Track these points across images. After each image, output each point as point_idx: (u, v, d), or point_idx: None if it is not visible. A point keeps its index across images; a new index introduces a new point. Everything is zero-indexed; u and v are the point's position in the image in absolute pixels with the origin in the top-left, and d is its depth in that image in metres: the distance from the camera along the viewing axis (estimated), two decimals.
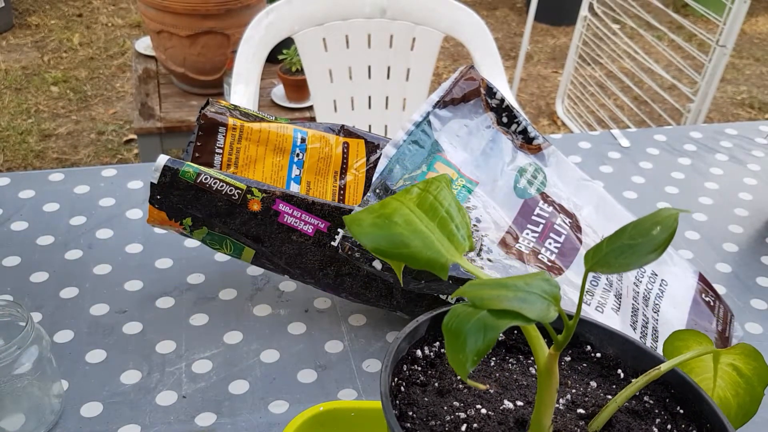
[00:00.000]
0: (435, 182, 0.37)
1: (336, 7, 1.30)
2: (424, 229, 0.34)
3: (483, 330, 0.28)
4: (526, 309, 0.28)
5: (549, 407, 0.33)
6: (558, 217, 0.63)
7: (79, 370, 0.59)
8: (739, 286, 0.73)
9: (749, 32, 3.24)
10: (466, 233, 0.35)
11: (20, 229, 0.73)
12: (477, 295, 0.29)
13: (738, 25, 1.65)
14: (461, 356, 0.28)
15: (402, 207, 0.35)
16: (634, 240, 0.30)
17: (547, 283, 0.30)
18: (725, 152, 0.95)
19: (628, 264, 0.30)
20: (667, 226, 0.30)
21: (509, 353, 0.42)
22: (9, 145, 2.24)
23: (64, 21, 2.98)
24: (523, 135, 0.67)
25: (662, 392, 0.39)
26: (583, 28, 2.13)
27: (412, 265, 0.32)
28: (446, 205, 0.35)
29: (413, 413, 0.36)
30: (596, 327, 0.42)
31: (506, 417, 0.36)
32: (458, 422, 0.35)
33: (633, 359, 0.40)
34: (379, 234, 0.33)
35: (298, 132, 0.70)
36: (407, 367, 0.38)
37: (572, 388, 0.39)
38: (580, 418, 0.37)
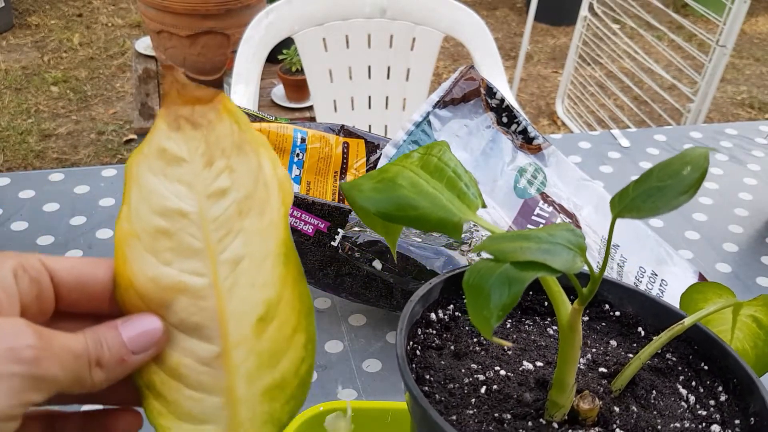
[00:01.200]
0: (436, 145, 0.35)
1: (336, 7, 1.30)
2: (431, 189, 0.32)
3: (508, 283, 0.27)
4: (551, 260, 0.27)
5: (572, 365, 0.32)
6: (558, 217, 0.63)
7: None
8: (739, 286, 0.73)
9: (749, 32, 3.24)
10: (476, 191, 0.33)
11: (20, 229, 0.73)
12: (498, 248, 0.28)
13: (738, 25, 1.65)
14: (485, 312, 0.26)
15: (404, 170, 0.33)
16: (662, 182, 0.28)
17: (572, 234, 0.29)
18: (725, 152, 0.95)
19: (658, 207, 0.28)
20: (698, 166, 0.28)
21: (525, 315, 0.41)
22: (9, 145, 2.25)
23: (64, 21, 2.98)
24: (523, 135, 0.67)
25: (685, 349, 0.38)
26: (583, 28, 2.13)
27: (422, 228, 0.31)
28: (452, 166, 0.33)
29: (430, 376, 0.35)
30: (615, 285, 0.41)
31: (526, 378, 0.36)
32: (477, 384, 0.35)
33: (653, 317, 0.39)
34: (382, 197, 0.31)
35: (298, 132, 0.70)
36: (422, 331, 0.37)
37: (592, 347, 0.38)
38: (602, 377, 0.36)
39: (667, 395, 0.36)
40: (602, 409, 0.34)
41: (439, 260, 0.56)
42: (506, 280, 0.27)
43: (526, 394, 0.34)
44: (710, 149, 0.29)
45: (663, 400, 0.36)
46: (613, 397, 0.35)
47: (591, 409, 0.33)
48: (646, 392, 0.36)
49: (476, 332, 0.38)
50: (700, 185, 0.28)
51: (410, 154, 0.34)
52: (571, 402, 0.33)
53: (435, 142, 0.35)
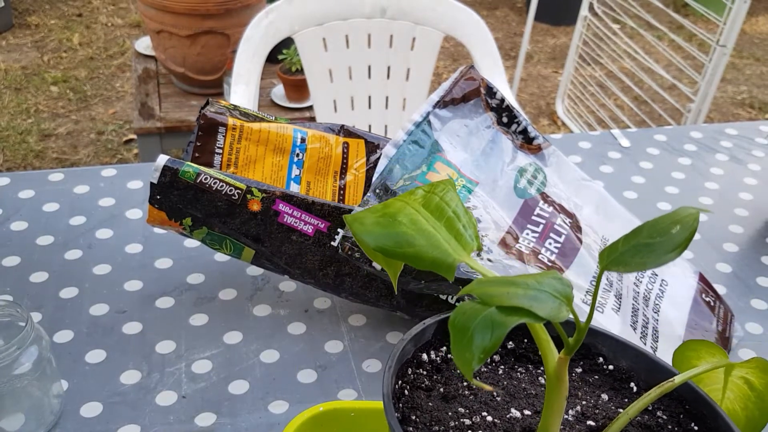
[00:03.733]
0: (441, 184, 0.36)
1: (336, 7, 1.29)
2: (429, 228, 0.33)
3: (491, 327, 0.27)
4: (536, 307, 0.27)
5: (557, 415, 0.32)
6: (558, 217, 0.63)
7: (78, 371, 0.59)
8: (740, 286, 0.73)
9: (749, 32, 3.24)
10: (473, 233, 0.33)
11: (20, 229, 0.73)
12: (485, 292, 0.28)
13: (738, 24, 1.65)
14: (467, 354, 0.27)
15: (406, 207, 0.34)
16: (652, 239, 0.29)
17: (560, 283, 0.29)
18: (725, 152, 0.95)
19: (645, 263, 0.28)
20: (686, 225, 0.29)
21: (518, 362, 0.41)
22: (9, 145, 2.24)
23: (64, 21, 2.98)
24: (523, 135, 0.67)
25: (676, 407, 0.38)
26: (583, 28, 2.13)
27: (417, 266, 0.31)
28: (453, 206, 0.34)
29: (416, 417, 0.35)
30: (609, 338, 0.41)
31: (512, 425, 0.35)
32: (463, 428, 0.34)
33: (646, 372, 0.39)
34: (382, 233, 0.32)
35: (298, 132, 0.69)
36: (412, 371, 0.37)
37: (583, 399, 0.38)
38: (589, 430, 0.36)
39: None
40: None
41: None
42: (490, 324, 0.27)
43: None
44: (701, 210, 0.30)
45: None
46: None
47: None
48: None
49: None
50: (688, 244, 0.28)
51: (415, 190, 0.35)
52: None
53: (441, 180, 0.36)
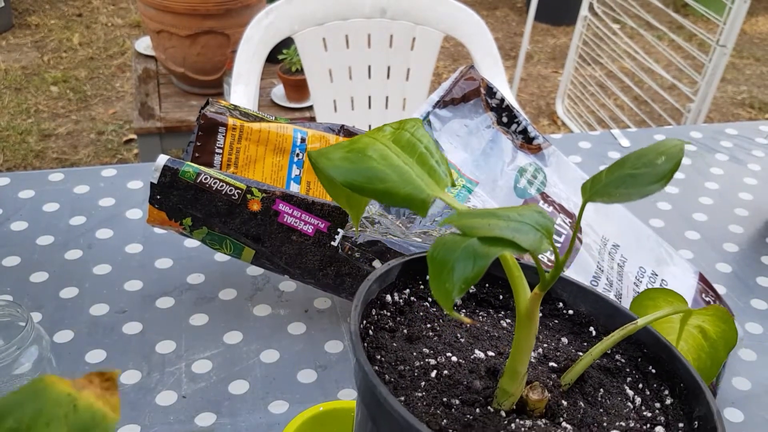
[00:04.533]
0: (410, 121, 0.34)
1: (336, 7, 1.29)
2: (401, 164, 0.31)
3: (473, 257, 0.26)
4: (519, 238, 0.26)
5: (526, 354, 0.32)
6: (558, 217, 0.63)
7: (79, 370, 0.59)
8: (740, 286, 0.73)
9: (749, 32, 3.24)
10: (446, 169, 0.32)
11: (20, 229, 0.73)
12: (466, 223, 0.27)
13: (738, 24, 1.65)
14: (447, 285, 0.26)
15: (375, 142, 0.32)
16: (636, 169, 0.28)
17: (541, 216, 0.28)
18: (725, 152, 0.95)
19: (630, 194, 0.28)
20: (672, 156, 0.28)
21: (480, 306, 0.41)
22: (9, 145, 2.24)
23: (64, 21, 2.98)
24: (523, 135, 0.67)
25: (634, 351, 0.39)
26: (583, 28, 2.13)
27: (389, 202, 0.30)
28: (425, 142, 0.33)
29: (381, 357, 0.35)
30: (570, 284, 0.41)
31: (477, 366, 0.36)
32: (428, 368, 0.35)
33: (606, 317, 0.40)
34: (351, 167, 0.30)
35: (298, 132, 0.70)
36: (376, 311, 0.37)
37: (543, 342, 0.39)
38: (552, 371, 0.37)
39: (614, 394, 0.36)
40: (550, 401, 0.34)
41: None
42: (472, 254, 0.26)
43: (476, 382, 0.34)
44: (685, 142, 0.29)
45: (610, 398, 0.36)
46: (562, 392, 0.35)
47: (540, 400, 0.33)
48: (594, 390, 0.36)
49: (430, 318, 0.38)
50: (672, 176, 0.28)
51: (382, 127, 0.34)
52: (521, 392, 0.33)
53: (409, 118, 0.35)
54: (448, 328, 0.38)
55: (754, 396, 0.62)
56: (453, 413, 0.32)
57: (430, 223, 0.59)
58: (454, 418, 0.32)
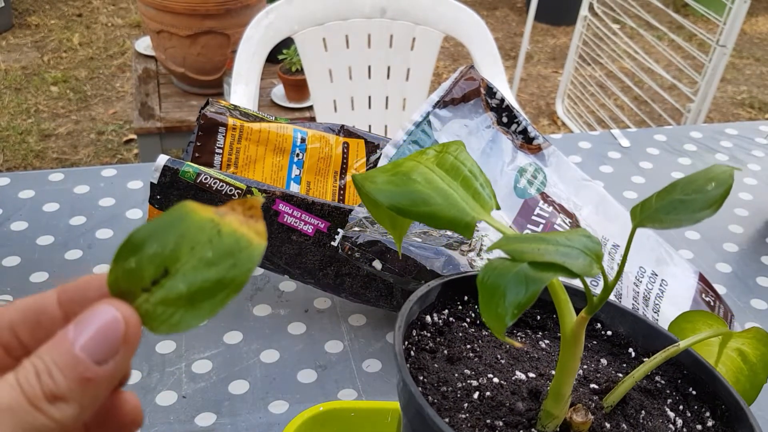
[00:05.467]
0: (453, 144, 0.35)
1: (336, 7, 1.29)
2: (446, 187, 0.32)
3: (525, 283, 0.27)
4: (570, 263, 0.27)
5: (571, 376, 0.32)
6: (558, 217, 0.63)
7: None
8: (740, 286, 0.73)
9: (749, 32, 3.24)
10: (491, 192, 0.33)
11: (20, 229, 0.73)
12: (516, 248, 0.28)
13: (738, 24, 1.65)
14: (500, 310, 0.26)
15: (419, 165, 0.33)
16: (687, 195, 0.29)
17: (590, 240, 0.29)
18: (725, 152, 0.95)
19: (680, 220, 0.28)
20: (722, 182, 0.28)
21: (517, 328, 0.41)
22: (9, 145, 2.24)
23: (64, 21, 2.98)
24: (523, 135, 0.67)
25: (674, 372, 0.39)
26: (583, 28, 2.13)
27: (434, 225, 0.30)
28: (468, 165, 0.33)
29: (424, 378, 0.35)
30: (607, 305, 0.41)
31: (519, 387, 0.36)
32: (470, 389, 0.35)
33: (644, 338, 0.40)
34: (396, 191, 0.31)
35: (298, 132, 0.70)
36: (416, 332, 0.37)
37: (583, 364, 0.39)
38: (593, 393, 0.37)
39: (655, 416, 0.36)
40: (594, 424, 0.34)
41: (439, 260, 0.56)
42: (524, 279, 0.27)
43: (519, 403, 0.34)
44: (735, 168, 0.29)
45: (651, 420, 0.36)
46: (604, 414, 0.35)
47: (584, 422, 0.33)
48: (636, 412, 0.36)
49: (469, 339, 0.38)
50: (723, 201, 0.28)
51: (425, 150, 0.34)
52: (565, 414, 0.33)
53: (452, 141, 0.35)
54: (488, 349, 0.38)
55: None
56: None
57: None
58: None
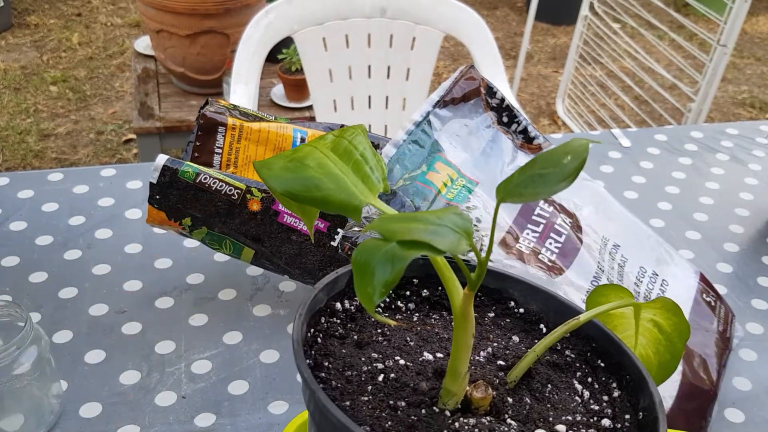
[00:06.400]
0: (351, 129, 0.36)
1: (336, 7, 1.29)
2: (337, 171, 0.33)
3: (391, 261, 0.27)
4: (437, 240, 0.27)
5: (465, 352, 0.33)
6: (558, 217, 0.63)
7: (78, 371, 0.59)
8: (740, 286, 0.73)
9: (750, 32, 3.24)
10: (381, 175, 0.34)
11: (19, 229, 0.73)
12: (387, 228, 0.29)
13: (739, 24, 1.64)
14: (369, 289, 0.27)
15: (315, 151, 0.34)
16: (545, 169, 0.30)
17: (460, 217, 0.29)
18: (726, 152, 0.95)
19: (538, 193, 0.29)
20: (577, 155, 0.29)
21: (433, 309, 0.41)
22: (8, 145, 2.24)
23: (63, 20, 2.98)
24: (524, 135, 0.67)
25: (584, 346, 0.39)
26: (583, 28, 2.13)
27: (325, 209, 0.31)
28: (361, 149, 0.34)
29: (329, 363, 0.35)
30: (520, 282, 0.42)
31: (425, 367, 0.36)
32: (375, 372, 0.35)
33: (555, 314, 0.40)
34: (290, 177, 0.32)
35: (297, 132, 0.69)
36: (325, 319, 0.38)
37: (494, 341, 0.39)
38: (499, 369, 0.37)
39: (562, 389, 0.37)
40: (495, 399, 0.35)
41: None
42: (390, 258, 0.27)
43: (423, 383, 0.35)
44: (591, 141, 0.30)
45: (558, 394, 0.36)
46: (508, 389, 0.36)
47: (483, 398, 0.34)
48: (542, 386, 0.37)
49: (381, 324, 0.39)
50: (578, 173, 0.29)
51: (325, 135, 0.35)
52: (464, 390, 0.34)
53: (352, 126, 0.36)
54: (398, 332, 0.38)
55: (754, 396, 0.62)
56: (398, 415, 0.33)
57: None
58: (398, 420, 0.32)
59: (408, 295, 0.41)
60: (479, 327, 0.40)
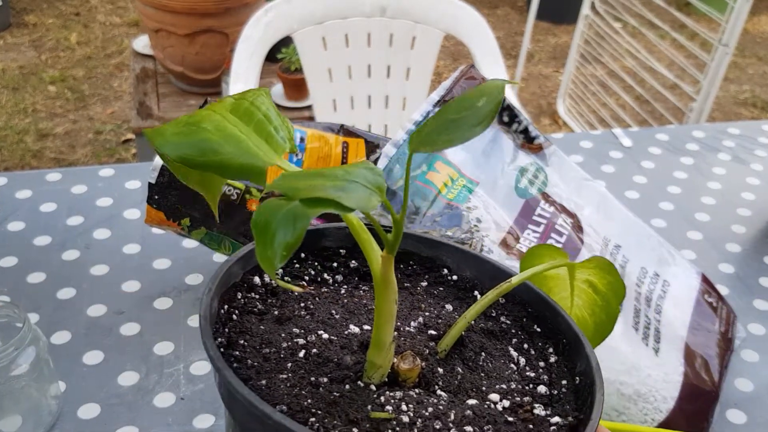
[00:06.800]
0: (252, 91, 0.33)
1: (335, 6, 1.29)
2: (237, 133, 0.30)
3: (293, 221, 0.25)
4: (344, 197, 0.25)
5: (388, 321, 0.31)
6: (559, 217, 0.62)
7: (76, 372, 0.58)
8: (742, 287, 0.72)
9: (752, 31, 3.23)
10: (286, 135, 0.31)
11: (17, 229, 0.73)
12: (290, 185, 0.26)
13: (740, 24, 1.64)
14: (269, 252, 0.25)
15: (212, 114, 0.30)
16: (458, 114, 0.28)
17: (371, 173, 0.27)
18: (728, 152, 0.95)
19: (452, 139, 0.27)
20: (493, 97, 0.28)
21: (362, 281, 0.39)
22: (6, 145, 2.24)
23: (62, 20, 2.97)
24: (524, 134, 0.66)
25: (519, 311, 0.38)
26: (584, 27, 2.12)
27: (225, 175, 0.29)
28: (264, 109, 0.31)
29: (245, 341, 0.33)
30: (453, 249, 0.40)
31: (350, 341, 0.34)
32: (296, 348, 0.33)
33: (490, 279, 0.38)
34: (184, 141, 0.29)
35: (297, 131, 0.69)
36: (242, 295, 0.35)
37: (426, 311, 0.37)
38: (430, 339, 0.35)
39: (496, 357, 0.35)
40: (424, 370, 0.33)
41: None
42: (292, 218, 0.25)
43: (347, 357, 0.33)
44: (507, 81, 0.29)
45: (492, 362, 0.35)
46: (439, 359, 0.34)
47: (411, 369, 0.32)
48: (475, 354, 0.35)
49: (305, 297, 0.36)
50: (494, 116, 0.27)
51: (225, 99, 0.32)
52: (390, 362, 0.32)
53: (253, 88, 0.33)
54: (323, 305, 0.36)
55: (756, 397, 0.61)
56: (319, 392, 0.31)
57: (430, 223, 0.59)
58: (319, 397, 0.30)
59: (335, 267, 0.38)
60: (411, 297, 0.38)
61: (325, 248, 0.39)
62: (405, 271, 0.39)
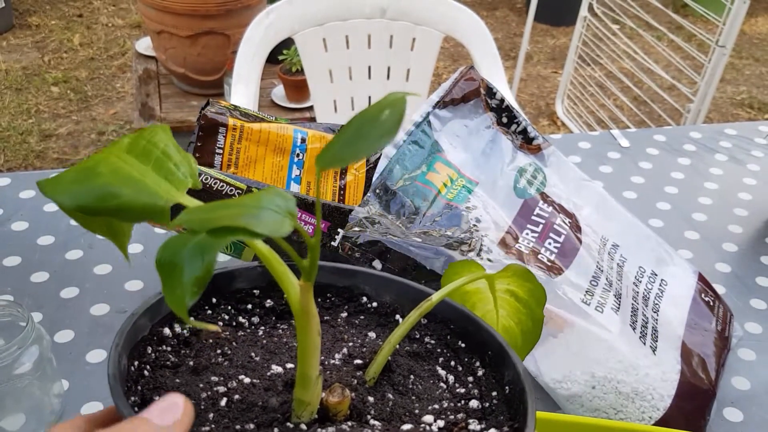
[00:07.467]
0: (149, 129, 0.31)
1: (336, 8, 1.30)
2: (135, 174, 0.29)
3: (200, 253, 0.24)
4: (253, 223, 0.24)
5: (313, 354, 0.29)
6: (558, 217, 0.63)
7: (79, 370, 0.59)
8: (739, 286, 0.73)
9: (749, 32, 3.24)
10: (188, 171, 0.30)
11: (21, 229, 0.73)
12: (194, 218, 0.25)
13: (737, 25, 1.65)
14: (178, 291, 0.24)
15: (109, 156, 0.29)
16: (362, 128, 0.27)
17: (282, 198, 0.26)
18: (725, 152, 0.95)
19: (358, 152, 0.26)
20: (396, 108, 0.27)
21: (280, 320, 0.38)
22: (9, 146, 2.25)
23: (65, 21, 2.98)
24: (523, 135, 0.67)
25: (443, 330, 0.37)
26: (582, 29, 2.13)
27: (127, 219, 0.28)
28: (162, 146, 0.30)
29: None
30: (371, 275, 0.39)
31: (274, 382, 0.33)
32: (216, 397, 0.31)
33: (411, 302, 0.37)
34: (79, 189, 0.27)
35: (298, 132, 0.70)
36: (152, 349, 0.33)
37: (349, 341, 0.36)
38: (357, 368, 0.34)
39: (425, 378, 0.35)
40: (354, 401, 0.32)
41: (439, 260, 0.57)
42: (199, 250, 0.24)
43: (273, 399, 0.31)
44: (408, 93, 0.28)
45: (421, 383, 0.34)
46: (368, 388, 0.33)
47: (340, 401, 0.31)
48: (404, 378, 0.34)
49: (221, 343, 0.35)
50: (399, 126, 0.27)
51: (120, 139, 0.31)
52: (319, 398, 0.31)
53: (150, 127, 0.32)
54: (241, 349, 0.35)
55: (753, 396, 0.62)
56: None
57: (430, 223, 0.59)
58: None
59: (250, 309, 0.37)
60: (332, 329, 0.37)
61: (237, 290, 0.37)
62: (323, 305, 0.38)
